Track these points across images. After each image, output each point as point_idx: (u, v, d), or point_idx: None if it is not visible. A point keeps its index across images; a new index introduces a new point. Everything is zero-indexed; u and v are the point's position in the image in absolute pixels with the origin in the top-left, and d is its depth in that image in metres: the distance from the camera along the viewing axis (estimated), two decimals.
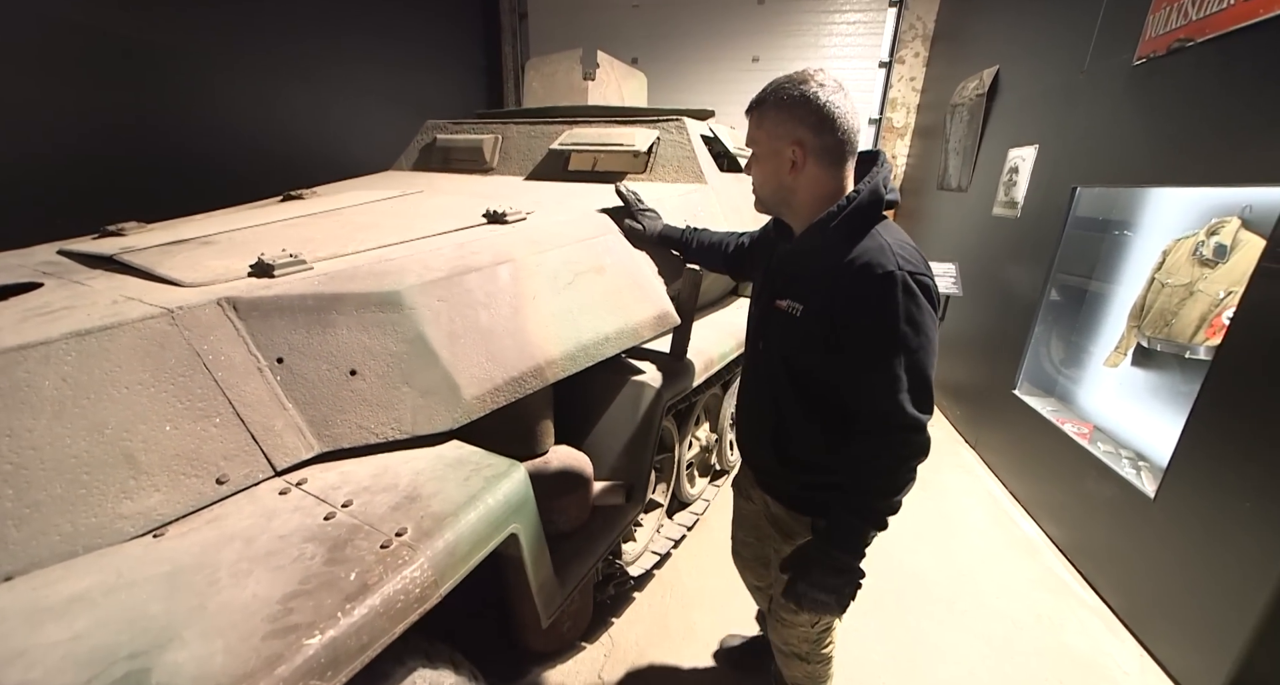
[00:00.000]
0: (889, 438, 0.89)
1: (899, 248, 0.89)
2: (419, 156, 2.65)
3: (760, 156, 0.98)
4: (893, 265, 0.86)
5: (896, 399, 0.87)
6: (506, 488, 0.89)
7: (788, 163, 0.94)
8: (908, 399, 0.87)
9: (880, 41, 5.19)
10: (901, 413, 0.87)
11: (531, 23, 6.07)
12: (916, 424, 0.88)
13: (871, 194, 0.92)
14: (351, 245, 1.23)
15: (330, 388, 0.96)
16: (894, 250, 0.88)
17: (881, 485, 0.91)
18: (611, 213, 1.55)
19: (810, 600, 0.99)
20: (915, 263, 0.89)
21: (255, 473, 0.86)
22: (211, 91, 3.31)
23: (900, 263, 0.86)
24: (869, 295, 0.87)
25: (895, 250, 0.88)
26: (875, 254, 0.88)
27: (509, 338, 1.12)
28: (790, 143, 0.93)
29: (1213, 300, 2.01)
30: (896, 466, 0.90)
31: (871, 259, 0.87)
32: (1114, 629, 1.97)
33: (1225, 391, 1.67)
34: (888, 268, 0.86)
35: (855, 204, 0.92)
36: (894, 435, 0.89)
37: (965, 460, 3.22)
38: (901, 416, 0.87)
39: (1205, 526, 1.69)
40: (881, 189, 0.93)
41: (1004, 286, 3.09)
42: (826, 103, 0.89)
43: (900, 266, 0.86)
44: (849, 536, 0.96)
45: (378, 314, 1.01)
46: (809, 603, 0.99)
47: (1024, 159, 3.00)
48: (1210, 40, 1.86)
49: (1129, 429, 2.45)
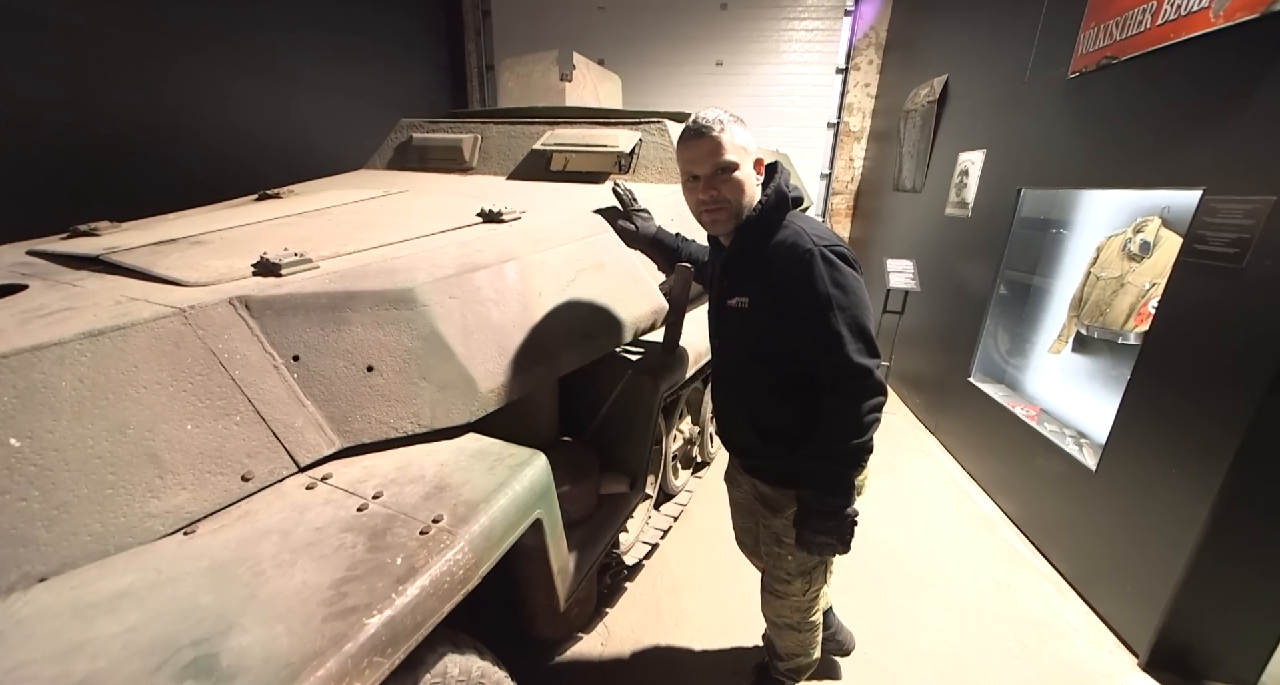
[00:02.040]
0: (844, 386, 1.02)
1: (812, 229, 1.05)
2: (394, 155, 2.61)
3: (742, 169, 1.09)
4: (809, 243, 1.02)
5: (842, 351, 1.00)
6: (530, 475, 0.93)
7: (753, 178, 1.10)
8: (851, 349, 1.00)
9: (837, 48, 5.43)
10: (849, 362, 1.00)
11: (495, 21, 6.01)
12: (863, 369, 1.01)
13: (776, 193, 1.10)
14: (352, 244, 1.23)
15: (348, 384, 0.97)
16: (808, 232, 1.04)
17: (849, 430, 1.03)
18: (605, 212, 1.59)
19: (816, 545, 1.11)
20: (829, 238, 1.05)
21: (279, 469, 0.86)
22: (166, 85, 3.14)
23: (815, 240, 1.02)
24: (797, 271, 1.01)
25: (809, 231, 1.04)
26: (793, 237, 1.04)
27: (519, 333, 1.15)
28: (755, 159, 1.11)
29: (1140, 291, 2.23)
30: (857, 410, 1.02)
31: (791, 241, 1.04)
32: (1064, 592, 2.16)
33: (1154, 372, 1.88)
34: (805, 246, 1.01)
35: (768, 205, 1.09)
36: (848, 384, 1.02)
37: (926, 445, 3.42)
38: (849, 366, 1.00)
39: (1140, 494, 1.89)
40: (785, 188, 1.11)
41: (958, 282, 3.31)
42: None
43: (815, 243, 1.02)
44: (834, 481, 1.07)
45: (392, 311, 1.03)
46: (816, 547, 1.11)
47: (973, 162, 3.23)
48: (1133, 59, 2.07)
49: (1071, 410, 2.68)
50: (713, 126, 1.05)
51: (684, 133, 1.08)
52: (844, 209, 5.79)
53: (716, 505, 2.61)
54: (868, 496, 1.25)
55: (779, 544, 1.26)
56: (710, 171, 1.07)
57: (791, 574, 1.28)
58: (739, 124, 1.09)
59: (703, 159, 1.07)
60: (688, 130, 1.08)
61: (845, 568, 2.21)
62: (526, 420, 1.27)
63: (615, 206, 1.60)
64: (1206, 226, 1.71)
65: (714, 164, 1.06)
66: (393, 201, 1.69)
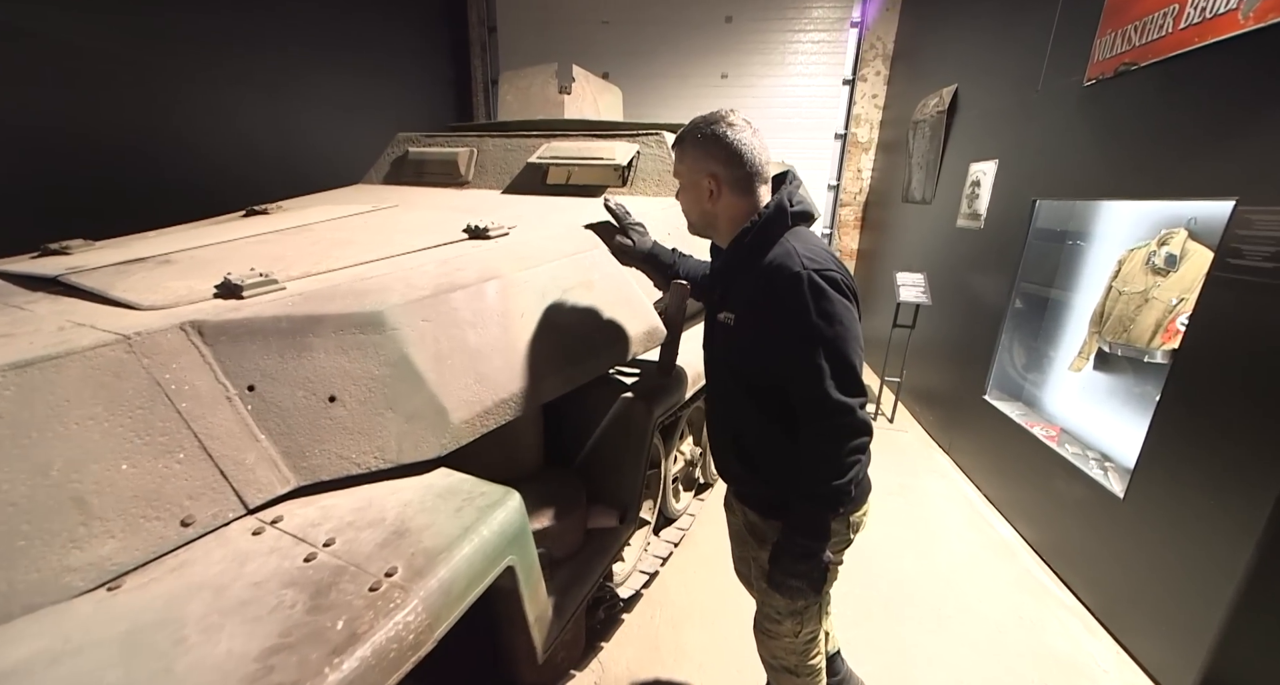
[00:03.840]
0: (823, 423, 0.95)
1: (804, 250, 0.97)
2: (390, 170, 2.58)
3: (684, 187, 1.09)
4: (798, 266, 0.94)
5: (823, 386, 0.93)
6: (502, 517, 0.84)
7: (706, 192, 1.05)
8: (833, 385, 0.93)
9: (844, 60, 5.38)
10: (828, 399, 0.93)
11: (501, 36, 6.05)
12: (844, 407, 0.94)
13: (776, 208, 1.02)
14: (326, 263, 1.17)
15: (307, 416, 0.89)
16: (799, 253, 0.96)
17: (827, 470, 0.96)
18: (598, 228, 1.52)
19: (786, 588, 1.03)
20: (821, 261, 0.96)
21: (225, 512, 0.79)
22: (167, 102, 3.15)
23: (805, 262, 0.94)
24: (781, 295, 0.95)
25: (801, 252, 0.96)
26: (782, 258, 0.97)
27: (498, 358, 1.08)
28: (706, 175, 1.04)
29: (1166, 306, 2.12)
30: (836, 450, 0.95)
31: (780, 262, 0.96)
32: (1092, 628, 2.02)
33: (1186, 394, 1.76)
34: (794, 269, 0.94)
35: (764, 219, 1.02)
36: (827, 420, 0.95)
37: (940, 464, 3.29)
38: (829, 402, 0.93)
39: (1173, 524, 1.76)
40: (787, 203, 1.03)
41: (971, 295, 3.20)
42: (735, 141, 1.02)
43: (805, 266, 0.94)
44: (806, 521, 1.00)
45: (358, 336, 0.95)
46: (785, 590, 1.04)
47: (985, 173, 3.13)
48: (1153, 64, 1.98)
49: (1094, 431, 2.55)
50: (676, 141, 1.08)
51: None
52: (852, 221, 5.70)
53: (719, 528, 2.49)
54: (878, 520, 1.18)
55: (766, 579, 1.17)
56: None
57: (781, 613, 1.19)
58: (693, 142, 1.05)
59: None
60: None
61: (855, 597, 2.09)
62: (507, 449, 1.19)
63: (608, 222, 1.52)
64: (1241, 239, 1.60)
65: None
66: (379, 217, 1.63)
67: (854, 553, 1.22)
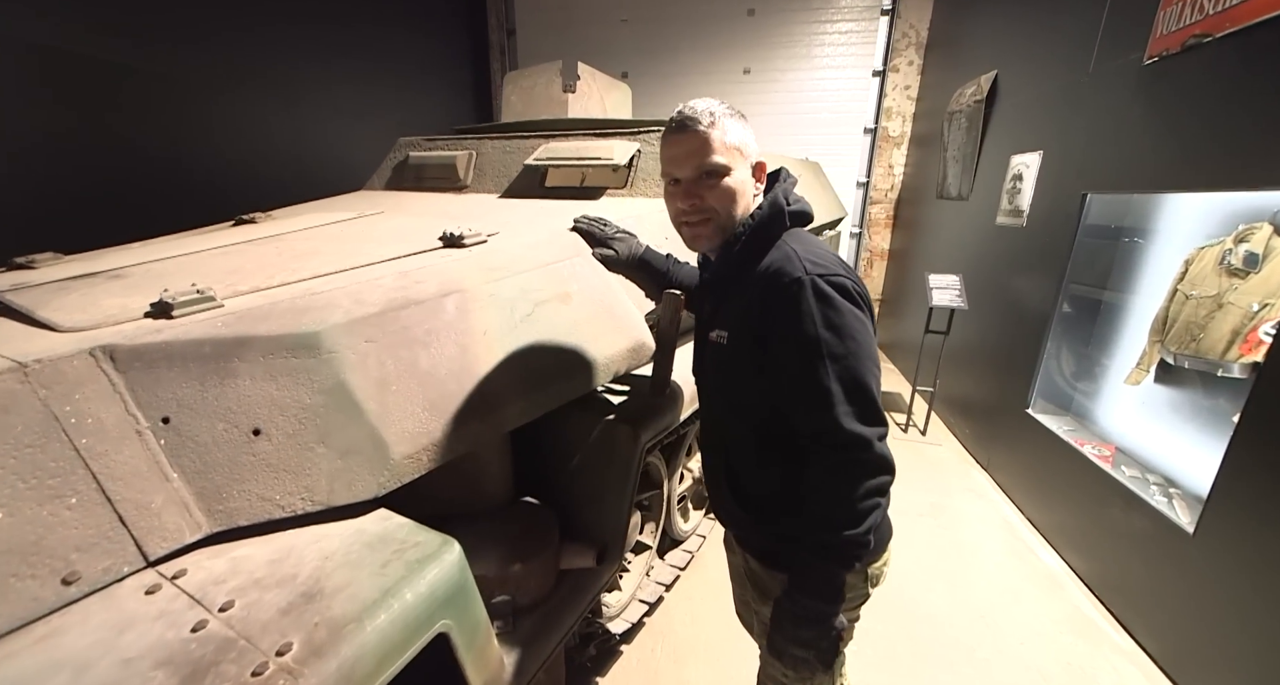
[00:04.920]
0: (832, 460, 0.79)
1: (806, 253, 0.83)
2: (391, 175, 2.52)
3: (734, 174, 0.88)
4: (799, 271, 0.80)
5: (831, 414, 0.77)
6: (434, 575, 0.73)
7: (753, 183, 0.91)
8: (844, 412, 0.77)
9: (873, 50, 5.11)
10: (839, 429, 0.77)
11: (520, 39, 6.02)
12: (859, 441, 0.77)
13: (771, 206, 0.89)
14: (280, 276, 1.08)
15: (228, 452, 0.80)
16: (800, 256, 0.82)
17: (838, 516, 0.79)
18: (583, 232, 1.39)
19: (789, 657, 0.86)
20: (826, 264, 0.82)
21: (120, 565, 0.69)
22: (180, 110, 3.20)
23: (808, 266, 0.80)
24: (781, 306, 0.80)
25: (802, 256, 0.82)
26: (781, 262, 0.83)
27: (453, 383, 0.96)
28: (755, 161, 0.91)
29: (1245, 313, 1.85)
30: (850, 492, 0.78)
31: (778, 268, 0.82)
32: (1153, 679, 1.77)
33: (1273, 415, 1.50)
34: (794, 274, 0.80)
35: (759, 220, 0.88)
36: (836, 456, 0.79)
37: (977, 483, 3.03)
38: (840, 434, 0.77)
39: (1254, 565, 1.51)
40: (783, 201, 0.89)
41: (1012, 298, 2.93)
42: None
43: (808, 271, 0.79)
44: (813, 580, 0.83)
45: (289, 360, 0.85)
46: (788, 659, 0.87)
47: (1028, 166, 2.87)
48: (1229, 35, 1.72)
49: (1154, 451, 2.27)
50: (700, 119, 0.85)
51: (666, 126, 0.89)
52: (883, 219, 5.42)
53: None
54: (906, 544, 1.03)
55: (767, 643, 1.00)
56: (693, 175, 0.87)
57: (788, 678, 1.00)
58: (735, 119, 0.88)
59: (684, 159, 0.87)
60: (670, 123, 0.88)
61: (878, 635, 1.90)
62: (469, 482, 1.08)
63: (591, 231, 1.34)
64: None
65: (697, 166, 0.86)
66: (357, 226, 1.55)
67: (882, 585, 1.01)
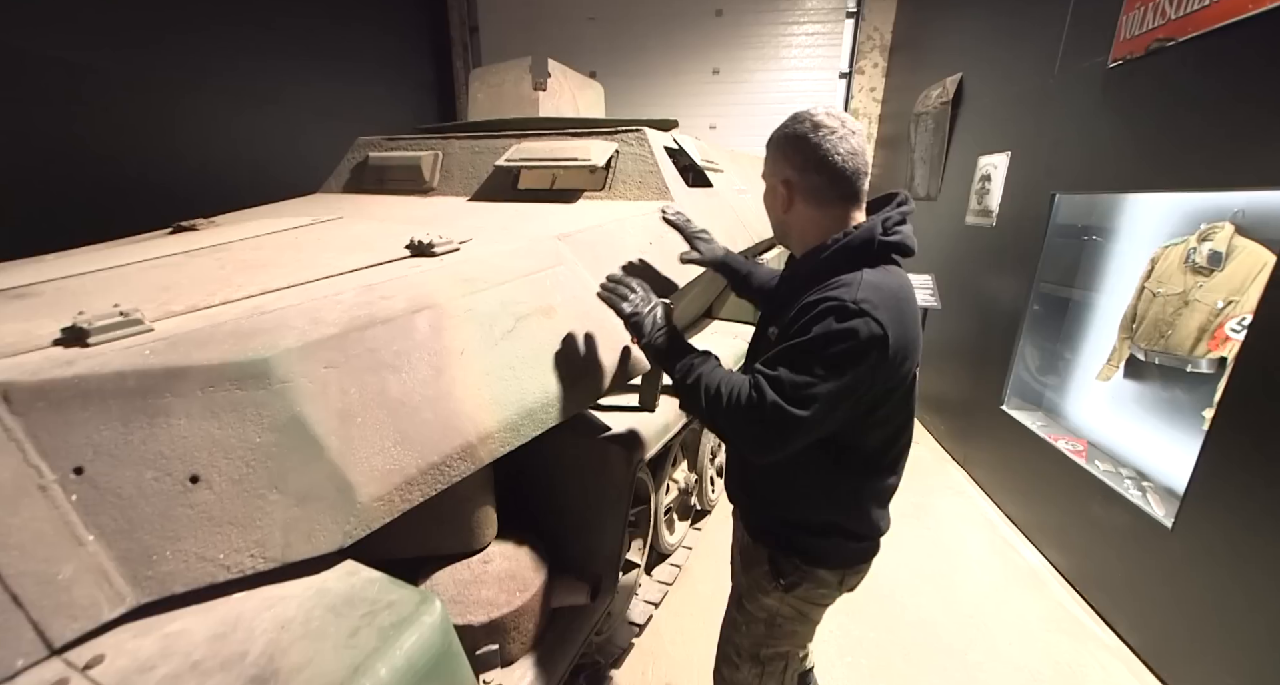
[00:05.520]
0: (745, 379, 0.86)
1: (867, 289, 0.83)
2: (350, 177, 2.36)
3: (766, 191, 0.99)
4: (849, 298, 0.81)
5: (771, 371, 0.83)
6: (413, 643, 0.62)
7: (780, 200, 0.95)
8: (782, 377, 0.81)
9: (839, 52, 5.17)
10: (763, 381, 0.82)
11: (483, 36, 5.84)
12: (766, 392, 0.81)
13: (864, 232, 0.88)
14: (223, 293, 0.95)
15: (158, 505, 0.67)
16: (859, 287, 0.83)
17: (718, 396, 0.86)
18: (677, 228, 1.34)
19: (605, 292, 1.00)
20: (875, 305, 0.81)
21: (12, 658, 0.57)
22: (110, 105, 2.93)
23: (859, 298, 0.81)
24: (813, 314, 0.83)
25: (860, 288, 0.83)
26: (838, 287, 0.84)
27: (428, 410, 0.86)
28: (780, 180, 0.94)
29: (1211, 310, 1.90)
30: (724, 391, 0.86)
31: (833, 291, 0.84)
32: (1138, 674, 1.79)
33: (1247, 412, 1.53)
34: (842, 299, 0.81)
35: (843, 242, 0.88)
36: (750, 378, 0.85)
37: (955, 480, 3.07)
38: (767, 381, 0.82)
39: (1233, 561, 1.54)
40: (877, 230, 0.88)
41: (983, 297, 2.98)
42: (818, 143, 0.87)
43: (856, 301, 0.80)
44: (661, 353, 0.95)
45: (234, 393, 0.74)
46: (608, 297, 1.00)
47: (996, 166, 2.92)
48: (1192, 39, 1.76)
49: (1126, 446, 2.33)
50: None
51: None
52: None
53: (718, 560, 2.28)
54: (894, 546, 1.17)
55: (738, 607, 1.09)
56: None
57: (742, 654, 1.08)
58: (772, 145, 0.95)
59: None
60: None
61: (872, 642, 1.87)
62: (447, 518, 0.97)
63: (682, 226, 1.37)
64: None
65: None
66: (314, 233, 1.42)
67: (871, 590, 1.20)
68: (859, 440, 0.91)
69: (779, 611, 1.01)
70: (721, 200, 2.10)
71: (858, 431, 0.89)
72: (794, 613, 1.02)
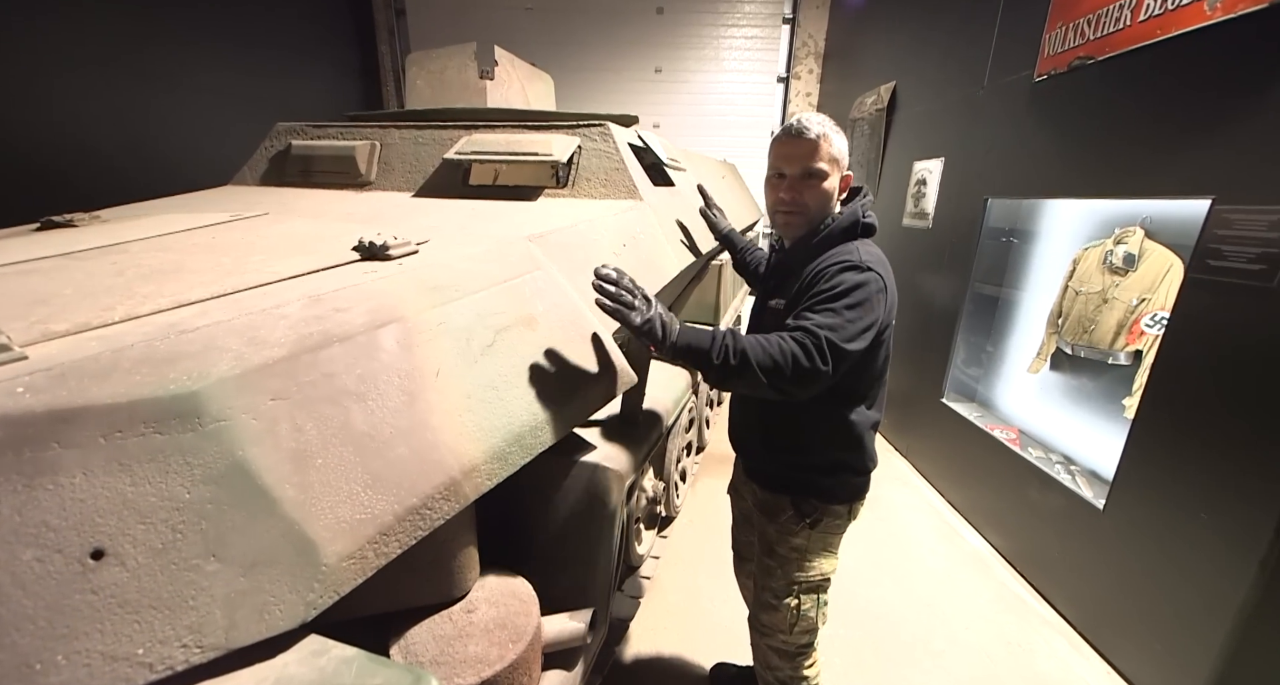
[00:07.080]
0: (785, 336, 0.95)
1: (866, 254, 1.06)
2: (269, 168, 2.09)
3: (829, 180, 1.10)
4: (856, 259, 1.03)
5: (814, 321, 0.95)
6: None
7: (840, 188, 1.13)
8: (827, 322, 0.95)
9: (777, 57, 5.30)
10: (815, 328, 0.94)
11: (411, 21, 5.47)
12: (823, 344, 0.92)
13: (850, 215, 1.12)
14: (124, 307, 0.77)
15: (43, 595, 0.51)
16: (861, 253, 1.05)
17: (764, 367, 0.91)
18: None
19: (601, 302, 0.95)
20: (874, 264, 1.03)
21: None
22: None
23: (863, 260, 1.03)
24: (830, 273, 1.02)
25: (862, 253, 1.05)
26: (843, 253, 1.06)
27: (402, 444, 0.73)
28: (845, 170, 1.13)
29: (1127, 307, 2.08)
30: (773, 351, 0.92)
31: (839, 256, 1.05)
32: (1077, 646, 1.94)
33: (1168, 402, 1.68)
34: (851, 260, 1.03)
35: (837, 223, 1.11)
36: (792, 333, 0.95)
37: (900, 470, 3.22)
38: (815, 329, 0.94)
39: (1161, 537, 1.69)
40: (859, 214, 1.12)
41: (922, 295, 3.13)
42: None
43: (862, 261, 1.02)
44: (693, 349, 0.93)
45: (150, 437, 0.58)
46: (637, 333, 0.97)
47: (931, 171, 3.08)
48: (1110, 59, 1.92)
49: (1055, 433, 2.52)
50: (811, 129, 1.06)
51: (784, 130, 1.11)
52: None
53: (688, 569, 2.24)
54: (852, 539, 1.24)
55: (770, 554, 1.21)
56: (799, 173, 1.09)
57: (780, 594, 1.20)
58: (839, 135, 1.10)
59: (796, 159, 1.08)
60: (789, 127, 1.09)
61: (843, 640, 1.90)
62: (425, 565, 0.84)
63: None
64: (1220, 240, 1.53)
65: (804, 167, 1.08)
66: (235, 232, 1.21)
67: (836, 586, 1.28)
68: (855, 382, 1.11)
69: (808, 548, 1.17)
70: (684, 200, 2.05)
71: (857, 371, 1.06)
72: (820, 544, 1.19)
